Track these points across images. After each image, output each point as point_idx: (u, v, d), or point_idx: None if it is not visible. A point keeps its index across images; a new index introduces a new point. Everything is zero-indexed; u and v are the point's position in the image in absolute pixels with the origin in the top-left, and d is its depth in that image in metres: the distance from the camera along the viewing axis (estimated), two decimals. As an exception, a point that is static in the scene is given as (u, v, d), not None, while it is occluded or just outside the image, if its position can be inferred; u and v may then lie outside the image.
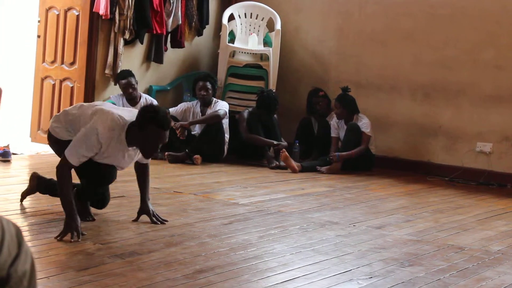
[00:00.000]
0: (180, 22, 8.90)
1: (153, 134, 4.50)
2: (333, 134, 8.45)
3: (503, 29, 8.08)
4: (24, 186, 5.64)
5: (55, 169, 4.55)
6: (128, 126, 4.55)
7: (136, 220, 4.94)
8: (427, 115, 8.55)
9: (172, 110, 8.44)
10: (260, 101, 8.41)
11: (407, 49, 8.69)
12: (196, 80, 8.43)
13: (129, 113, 4.66)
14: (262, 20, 9.38)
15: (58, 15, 8.44)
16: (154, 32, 8.60)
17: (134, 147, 4.66)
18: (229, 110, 8.38)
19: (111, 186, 6.21)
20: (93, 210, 5.00)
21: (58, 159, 7.14)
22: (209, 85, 8.32)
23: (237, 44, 9.15)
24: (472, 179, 8.02)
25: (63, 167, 4.50)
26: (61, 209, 4.54)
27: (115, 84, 8.36)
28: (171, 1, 8.72)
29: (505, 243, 5.07)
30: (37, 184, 5.22)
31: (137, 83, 8.28)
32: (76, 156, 4.47)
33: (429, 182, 7.91)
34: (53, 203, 5.26)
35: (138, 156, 4.82)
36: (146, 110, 4.52)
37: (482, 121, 8.19)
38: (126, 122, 4.55)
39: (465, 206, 6.54)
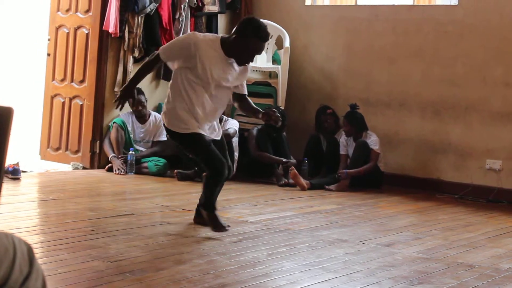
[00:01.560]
0: (189, 40, 8.92)
1: (253, 45, 4.99)
2: (342, 152, 8.45)
3: (511, 46, 8.08)
4: (34, 204, 5.65)
5: (64, 188, 4.58)
6: (223, 39, 5.04)
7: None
8: (436, 132, 8.54)
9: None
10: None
11: (416, 66, 8.69)
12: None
13: None
14: (270, 37, 9.38)
15: (68, 34, 8.49)
16: (163, 50, 8.62)
17: (232, 61, 5.04)
18: (238, 128, 8.39)
19: (120, 204, 6.25)
20: (99, 221, 5.00)
21: (66, 177, 7.23)
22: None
23: (246, 61, 9.14)
24: (482, 197, 7.99)
25: (153, 54, 5.22)
26: (69, 227, 4.53)
27: (124, 102, 8.37)
28: (180, 19, 8.76)
29: (515, 261, 5.05)
30: None
31: (146, 100, 8.32)
32: (167, 50, 5.12)
33: (438, 199, 7.89)
34: (63, 221, 5.28)
35: (237, 77, 5.17)
36: (249, 23, 5.01)
37: (491, 138, 8.18)
38: (218, 37, 5.10)
39: (475, 223, 6.53)
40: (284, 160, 8.33)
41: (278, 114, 5.08)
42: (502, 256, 5.17)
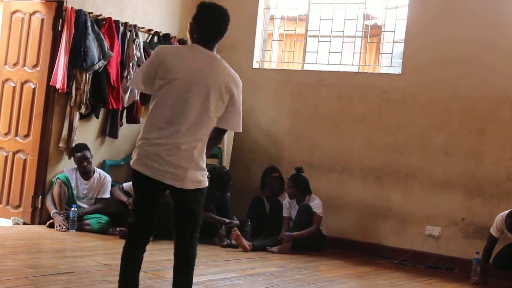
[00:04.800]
0: (137, 98, 8.96)
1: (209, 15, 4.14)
2: (285, 214, 8.51)
3: (452, 116, 8.30)
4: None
5: (3, 243, 4.50)
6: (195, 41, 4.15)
7: None
8: (378, 197, 8.67)
9: (125, 185, 8.44)
10: (212, 178, 8.45)
11: (359, 132, 8.86)
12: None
13: None
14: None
15: (14, 87, 8.45)
16: (110, 107, 8.64)
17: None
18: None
19: (60, 262, 6.17)
20: (38, 279, 4.92)
21: (6, 232, 7.09)
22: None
23: (192, 121, 9.20)
24: (421, 263, 8.10)
25: None
26: (6, 285, 4.45)
27: (69, 158, 8.34)
28: (128, 77, 8.79)
29: (451, 328, 5.12)
30: None
31: (92, 157, 8.29)
32: (137, 77, 4.13)
33: (378, 264, 7.97)
34: (1, 278, 5.19)
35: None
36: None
37: (431, 205, 8.33)
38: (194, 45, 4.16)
39: (414, 290, 6.61)
40: (227, 220, 8.34)
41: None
42: (439, 323, 5.24)
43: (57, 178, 8.14)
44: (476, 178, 8.12)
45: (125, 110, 9.02)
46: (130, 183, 8.50)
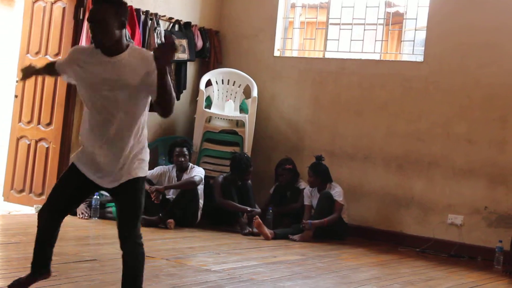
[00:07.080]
0: (158, 87, 8.95)
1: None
2: (306, 202, 8.50)
3: (475, 104, 8.24)
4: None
5: (26, 231, 4.52)
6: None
7: None
8: (399, 186, 8.63)
9: (148, 173, 8.43)
10: (233, 163, 8.47)
11: (381, 120, 8.81)
12: (173, 146, 8.48)
13: None
14: (239, 87, 9.49)
15: (36, 76, 8.47)
16: (132, 95, 8.64)
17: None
18: (204, 176, 8.40)
19: (83, 249, 6.20)
20: (62, 267, 4.94)
21: (29, 220, 7.15)
22: (186, 151, 8.39)
23: (213, 109, 9.23)
24: (443, 251, 8.07)
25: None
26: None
27: (90, 146, 8.36)
28: (149, 66, 8.79)
29: (475, 317, 5.10)
30: None
31: (113, 145, 8.30)
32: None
33: (400, 252, 7.95)
34: (25, 265, 5.22)
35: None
36: None
37: (453, 194, 8.29)
38: None
39: (436, 278, 6.58)
40: (249, 209, 8.35)
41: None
42: (462, 312, 5.22)
43: (80, 166, 8.16)
44: (499, 166, 8.06)
45: (146, 99, 9.02)
46: (152, 171, 8.51)
